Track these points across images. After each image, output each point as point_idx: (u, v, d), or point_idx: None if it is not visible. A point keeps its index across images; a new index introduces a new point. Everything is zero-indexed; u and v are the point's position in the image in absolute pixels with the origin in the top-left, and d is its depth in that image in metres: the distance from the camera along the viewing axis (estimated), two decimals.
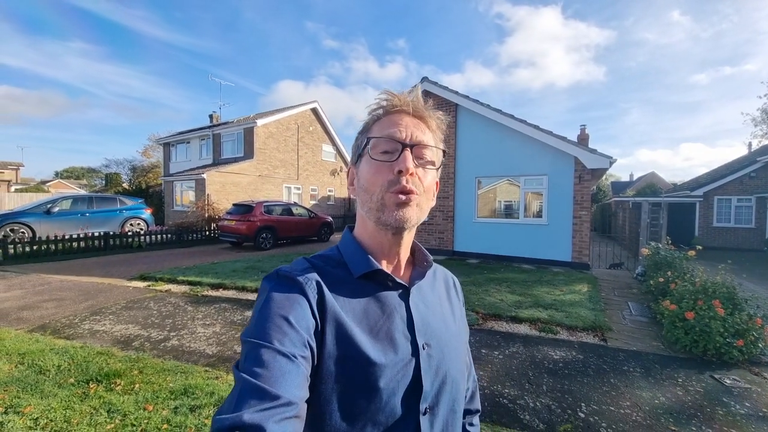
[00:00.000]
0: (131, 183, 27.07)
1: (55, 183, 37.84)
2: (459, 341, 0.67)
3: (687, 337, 3.42)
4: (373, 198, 0.58)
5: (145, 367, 2.87)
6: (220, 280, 5.91)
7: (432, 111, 0.63)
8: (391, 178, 0.56)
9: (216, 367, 2.98)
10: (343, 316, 0.54)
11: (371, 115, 0.63)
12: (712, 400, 2.62)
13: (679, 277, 4.75)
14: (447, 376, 0.60)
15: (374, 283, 0.61)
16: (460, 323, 0.71)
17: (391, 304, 0.60)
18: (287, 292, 0.53)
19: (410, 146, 0.57)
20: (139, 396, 2.43)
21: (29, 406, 2.24)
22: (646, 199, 8.72)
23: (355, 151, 0.64)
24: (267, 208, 10.79)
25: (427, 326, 0.61)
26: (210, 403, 2.34)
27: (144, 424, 2.13)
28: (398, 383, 0.54)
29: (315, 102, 19.65)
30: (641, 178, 34.87)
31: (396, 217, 0.57)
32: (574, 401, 2.54)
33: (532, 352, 3.39)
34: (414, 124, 0.60)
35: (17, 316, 4.14)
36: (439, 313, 0.66)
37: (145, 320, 4.09)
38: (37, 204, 10.40)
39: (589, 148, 7.53)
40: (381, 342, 0.55)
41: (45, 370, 2.74)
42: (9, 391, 2.43)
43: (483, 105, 8.50)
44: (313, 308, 0.53)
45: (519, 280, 6.26)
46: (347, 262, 0.62)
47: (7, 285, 5.60)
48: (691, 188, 15.03)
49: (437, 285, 0.72)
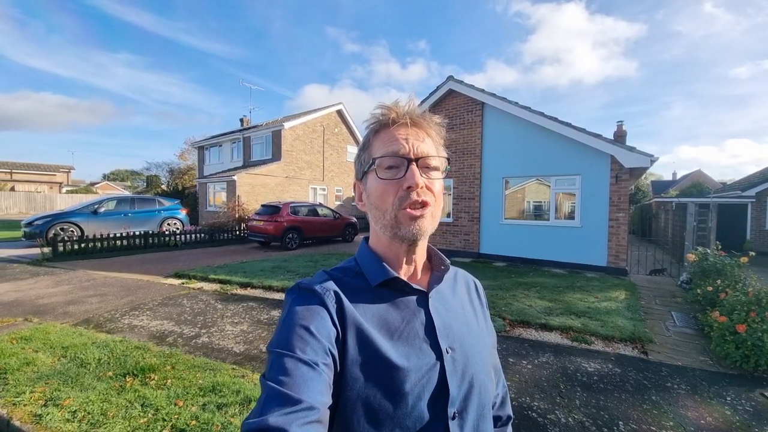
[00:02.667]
0: (169, 185, 28.64)
1: (103, 185, 40.74)
2: (483, 345, 0.66)
3: (737, 351, 3.13)
4: (386, 216, 0.59)
5: (177, 362, 2.99)
6: (248, 279, 6.08)
7: (429, 118, 0.63)
8: (401, 194, 0.58)
9: (242, 365, 3.05)
10: (363, 323, 0.56)
11: (369, 129, 0.64)
12: (762, 420, 2.37)
13: (730, 286, 4.35)
14: (474, 380, 0.60)
15: (392, 290, 0.62)
16: (483, 327, 0.70)
17: (411, 310, 0.61)
18: (308, 303, 0.55)
19: (416, 160, 0.58)
20: (171, 391, 2.53)
21: (68, 398, 2.38)
22: (691, 200, 8.10)
23: (359, 168, 0.65)
24: (293, 208, 11.03)
25: (449, 330, 0.61)
26: (236, 401, 2.39)
27: (174, 419, 2.21)
28: (423, 388, 0.54)
29: (340, 104, 19.91)
30: (686, 176, 32.62)
31: (412, 231, 0.58)
32: (611, 419, 2.37)
33: (563, 362, 3.22)
34: (414, 135, 0.60)
35: (64, 311, 4.46)
36: (461, 317, 0.66)
37: (179, 317, 4.28)
38: (86, 204, 11.22)
39: (627, 145, 7.08)
40: (403, 347, 0.56)
41: (86, 363, 2.92)
42: (50, 384, 2.59)
43: (510, 103, 8.23)
44: (333, 317, 0.55)
45: (549, 285, 5.99)
46: (364, 272, 0.64)
47: (56, 281, 6.06)
48: (742, 188, 13.80)
49: (458, 289, 0.71)
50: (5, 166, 28.35)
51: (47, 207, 23.30)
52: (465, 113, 8.94)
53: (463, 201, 9.10)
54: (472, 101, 8.77)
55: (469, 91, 8.76)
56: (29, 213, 21.44)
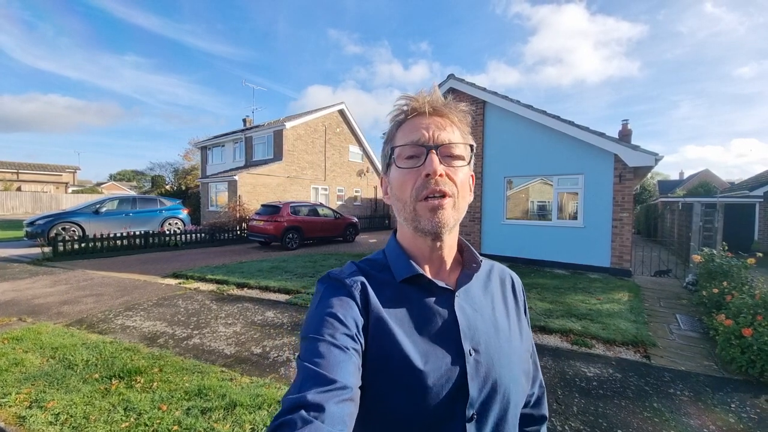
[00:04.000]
0: (173, 185, 28.80)
1: (109, 185, 41.07)
2: (512, 347, 0.63)
3: (743, 356, 3.01)
4: (407, 208, 0.59)
5: (165, 365, 2.94)
6: (245, 279, 6.04)
7: (453, 105, 0.62)
8: (419, 184, 0.57)
9: (232, 368, 2.99)
10: (385, 317, 0.56)
11: (393, 121, 0.63)
12: (767, 428, 2.26)
13: (736, 288, 4.22)
14: (498, 384, 0.58)
15: (417, 287, 0.61)
16: (516, 328, 0.67)
17: (435, 308, 0.60)
18: (337, 293, 0.57)
19: (435, 148, 0.57)
20: (156, 395, 2.47)
21: (53, 401, 2.34)
22: (698, 200, 7.93)
23: (384, 161, 0.65)
24: (294, 208, 10.99)
25: (475, 331, 0.60)
26: (221, 406, 2.33)
27: (156, 424, 2.15)
28: (442, 388, 0.53)
29: (342, 103, 19.86)
30: (693, 176, 32.17)
31: (433, 222, 0.57)
32: (610, 427, 2.27)
33: (562, 367, 3.12)
34: (436, 124, 0.59)
35: (58, 311, 4.43)
36: (490, 317, 0.63)
37: (172, 317, 4.23)
38: (88, 204, 11.27)
39: (632, 144, 6.94)
40: (424, 345, 0.56)
41: (74, 364, 2.88)
42: (36, 385, 2.55)
43: (513, 101, 8.11)
44: (359, 307, 0.56)
45: (550, 286, 5.88)
46: (391, 266, 0.64)
47: (53, 280, 6.05)
48: (750, 187, 13.53)
49: (491, 286, 0.69)
50: (12, 167, 28.67)
51: (53, 207, 23.51)
52: None
53: None
54: (474, 100, 8.66)
55: (470, 89, 8.66)
56: (35, 213, 21.64)
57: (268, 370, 2.97)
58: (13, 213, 22.49)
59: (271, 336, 3.72)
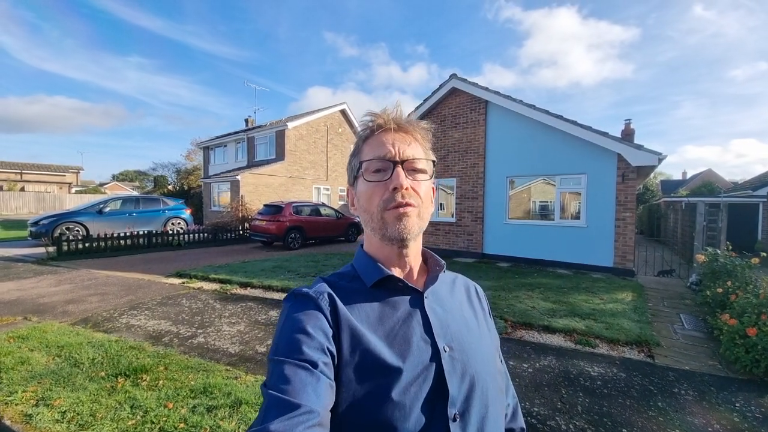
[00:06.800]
0: (175, 185, 28.89)
1: (112, 185, 41.23)
2: (485, 345, 0.65)
3: (748, 355, 3.00)
4: (374, 218, 0.61)
5: (170, 363, 2.95)
6: (248, 278, 6.06)
7: (416, 123, 0.65)
8: (386, 196, 0.59)
9: (236, 366, 3.00)
10: (356, 324, 0.56)
11: (359, 136, 0.66)
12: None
13: (741, 287, 4.21)
14: (476, 379, 0.58)
15: (387, 290, 0.63)
16: (485, 328, 0.69)
17: (406, 309, 0.61)
18: (303, 308, 0.57)
19: (401, 162, 0.60)
20: (162, 393, 2.48)
21: (59, 398, 2.35)
22: (701, 200, 7.90)
23: (350, 173, 0.68)
24: (296, 208, 11.01)
25: (447, 329, 0.61)
26: (226, 404, 2.34)
27: (162, 421, 2.16)
28: (420, 387, 0.53)
29: (344, 104, 19.88)
30: (696, 176, 32.05)
31: (399, 229, 0.59)
32: (614, 426, 2.27)
33: (566, 366, 3.12)
34: (401, 139, 0.62)
35: (63, 310, 4.46)
36: (460, 317, 0.65)
37: (177, 316, 4.25)
38: (91, 204, 11.32)
39: (635, 143, 6.92)
40: (398, 346, 0.56)
41: (80, 363, 2.90)
42: (43, 383, 2.57)
43: (515, 101, 8.10)
44: (328, 318, 0.56)
45: (553, 286, 5.87)
46: (360, 274, 0.65)
47: (58, 280, 6.09)
48: (753, 187, 13.47)
49: (457, 291, 0.72)
50: (15, 167, 28.83)
51: (56, 207, 23.60)
52: (468, 112, 8.83)
53: (466, 201, 8.99)
54: (476, 99, 8.66)
55: (472, 89, 8.65)
56: (39, 213, 21.75)
57: None
58: (17, 213, 22.61)
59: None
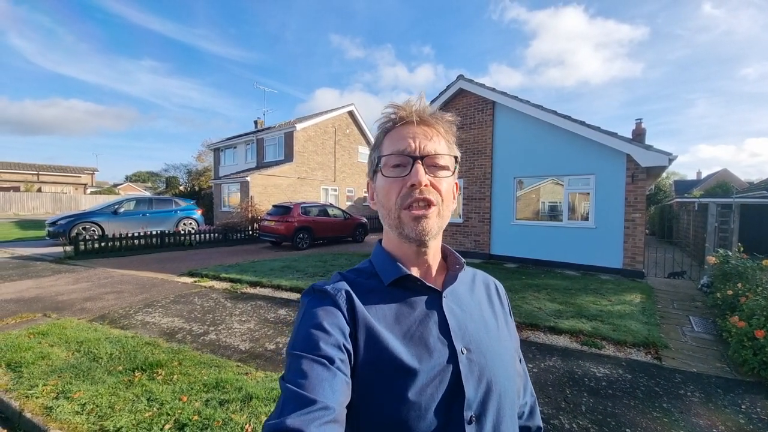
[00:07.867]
0: (186, 186, 29.40)
1: (125, 186, 42.07)
2: (504, 347, 0.64)
3: (756, 358, 2.98)
4: (391, 215, 0.60)
5: (184, 359, 3.06)
6: (258, 278, 6.17)
7: (440, 115, 0.63)
8: (404, 192, 0.58)
9: (247, 362, 3.09)
10: (373, 322, 0.56)
11: (381, 129, 0.64)
12: None
13: (751, 290, 4.15)
14: (493, 383, 0.57)
15: (405, 289, 0.62)
16: (504, 329, 0.68)
17: (424, 310, 0.60)
18: (321, 304, 0.57)
19: (420, 158, 0.58)
20: (176, 386, 2.58)
21: (79, 391, 2.47)
22: (713, 200, 7.77)
23: (370, 167, 0.67)
24: (304, 209, 11.14)
25: (465, 330, 0.60)
26: (237, 398, 2.43)
27: (177, 413, 2.26)
28: (436, 389, 0.53)
29: (351, 105, 20.00)
30: (711, 176, 31.35)
31: (416, 230, 0.58)
32: (618, 426, 2.29)
33: (571, 367, 3.13)
34: (422, 133, 0.60)
35: (81, 307, 4.63)
36: (479, 318, 0.64)
37: (189, 314, 4.38)
38: (107, 205, 11.63)
39: (645, 144, 6.85)
40: (415, 347, 0.55)
41: (98, 357, 3.02)
42: (63, 377, 2.69)
43: (523, 101, 8.08)
44: (345, 316, 0.56)
45: (561, 287, 5.85)
46: (378, 272, 0.64)
47: (76, 278, 6.30)
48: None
49: (477, 290, 0.70)
50: (33, 168, 29.67)
51: (72, 207, 24.23)
52: (476, 113, 8.83)
53: (473, 201, 9.00)
54: (483, 100, 8.66)
55: (479, 90, 8.65)
56: (55, 213, 22.35)
57: (281, 365, 3.06)
58: (34, 213, 23.28)
59: (283, 333, 3.82)
